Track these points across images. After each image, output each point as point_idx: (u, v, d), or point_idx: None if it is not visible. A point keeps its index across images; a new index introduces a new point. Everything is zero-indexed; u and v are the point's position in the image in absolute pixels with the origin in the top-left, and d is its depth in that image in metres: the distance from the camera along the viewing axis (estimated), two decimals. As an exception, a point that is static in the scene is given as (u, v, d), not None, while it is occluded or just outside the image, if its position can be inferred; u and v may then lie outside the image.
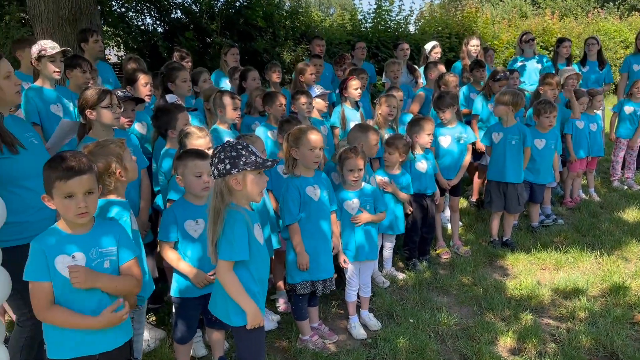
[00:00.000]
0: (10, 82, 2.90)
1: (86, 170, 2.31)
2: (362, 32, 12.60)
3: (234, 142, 2.63)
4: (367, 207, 3.95)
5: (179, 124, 3.90)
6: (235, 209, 2.62)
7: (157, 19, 11.48)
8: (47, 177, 2.30)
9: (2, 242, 2.77)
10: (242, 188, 2.60)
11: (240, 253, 2.59)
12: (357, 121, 5.68)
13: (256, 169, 2.61)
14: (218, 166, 2.56)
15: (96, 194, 2.38)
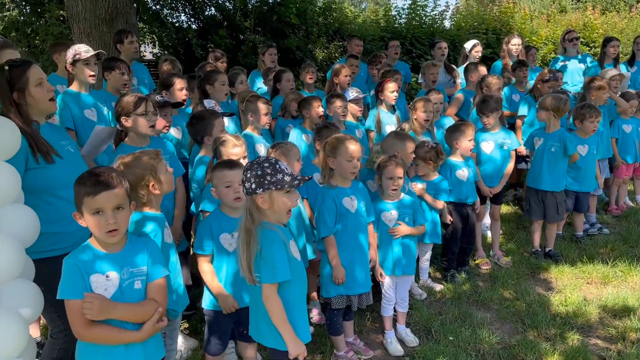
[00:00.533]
0: (43, 89, 2.81)
1: (115, 185, 2.21)
2: (396, 29, 12.31)
3: (262, 159, 2.51)
4: (405, 219, 3.76)
5: (215, 130, 3.79)
6: (269, 227, 2.50)
7: (191, 16, 11.45)
8: (77, 193, 2.22)
9: (37, 253, 2.73)
10: (269, 207, 2.48)
11: (283, 274, 2.46)
12: (393, 124, 5.50)
13: (281, 188, 2.47)
14: (245, 184, 2.47)
15: (127, 209, 2.28)
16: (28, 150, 2.71)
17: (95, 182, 2.18)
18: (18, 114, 2.74)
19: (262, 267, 2.44)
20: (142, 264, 2.35)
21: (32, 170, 2.72)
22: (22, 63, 2.78)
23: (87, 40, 6.85)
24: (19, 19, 8.08)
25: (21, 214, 2.48)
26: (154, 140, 3.62)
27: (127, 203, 2.28)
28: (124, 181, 2.29)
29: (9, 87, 2.74)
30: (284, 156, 3.60)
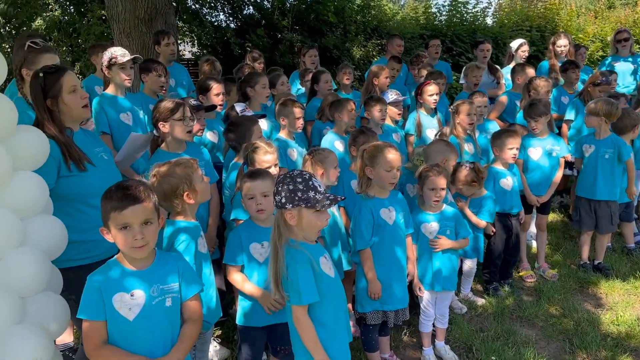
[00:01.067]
0: (76, 96, 2.75)
1: (143, 199, 2.11)
2: (436, 26, 11.98)
3: (296, 173, 2.37)
4: (447, 232, 3.55)
5: (253, 137, 3.67)
6: (294, 246, 2.35)
7: (229, 15, 11.42)
8: (104, 207, 2.13)
9: (68, 262, 2.68)
10: (297, 224, 2.34)
11: (308, 296, 2.31)
12: (434, 128, 5.26)
13: (311, 207, 2.32)
14: (276, 197, 2.33)
15: (155, 224, 2.18)
16: (61, 158, 2.66)
17: (122, 196, 2.08)
18: (51, 121, 2.70)
19: (289, 288, 2.32)
20: (173, 280, 2.26)
21: (64, 178, 2.67)
22: (56, 70, 2.73)
23: (126, 40, 6.87)
24: (61, 19, 8.16)
25: (48, 225, 2.41)
26: (190, 145, 3.54)
27: (156, 217, 2.18)
28: (152, 194, 2.18)
29: (43, 94, 2.68)
30: (320, 163, 3.45)
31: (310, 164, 3.47)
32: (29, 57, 3.16)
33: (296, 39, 10.82)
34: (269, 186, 2.94)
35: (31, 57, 3.16)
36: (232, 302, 3.96)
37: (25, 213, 2.36)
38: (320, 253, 2.47)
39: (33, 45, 3.19)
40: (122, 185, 2.13)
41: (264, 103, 4.76)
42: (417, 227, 3.54)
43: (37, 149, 2.41)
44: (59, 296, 2.45)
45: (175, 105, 3.34)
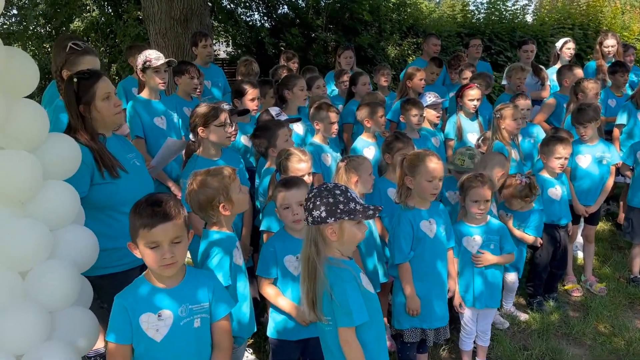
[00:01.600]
0: (110, 103, 2.66)
1: (173, 217, 1.99)
2: (474, 24, 11.63)
3: (332, 186, 2.21)
4: (491, 246, 3.34)
5: (279, 141, 3.54)
6: (336, 264, 2.19)
7: (264, 14, 11.34)
8: (132, 223, 2.02)
9: (101, 269, 2.61)
10: (338, 239, 2.18)
11: (360, 316, 2.15)
12: (475, 132, 5.03)
13: (354, 218, 2.17)
14: (313, 212, 2.15)
15: (185, 242, 2.07)
16: (94, 166, 2.59)
17: (152, 213, 1.96)
18: (84, 128, 2.63)
19: (335, 310, 2.15)
20: (204, 300, 2.14)
21: (97, 185, 2.60)
22: (90, 75, 2.65)
23: (162, 41, 6.84)
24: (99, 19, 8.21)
25: (79, 236, 2.33)
26: (225, 151, 3.45)
27: (185, 234, 2.07)
28: (183, 210, 2.07)
29: (76, 99, 2.62)
30: (354, 170, 3.30)
31: (344, 171, 3.32)
32: (70, 59, 3.11)
33: (330, 38, 10.67)
34: (305, 195, 2.82)
35: (72, 58, 3.10)
36: (264, 309, 3.84)
37: (56, 224, 2.28)
38: (359, 270, 2.33)
39: (75, 47, 3.14)
40: (152, 200, 2.02)
41: (302, 105, 4.61)
42: (459, 240, 3.35)
43: (69, 158, 2.33)
44: (88, 311, 2.36)
45: (215, 111, 3.25)
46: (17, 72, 2.16)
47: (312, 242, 2.18)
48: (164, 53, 6.81)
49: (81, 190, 2.52)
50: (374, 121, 4.38)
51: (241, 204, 2.60)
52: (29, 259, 2.19)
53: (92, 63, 3.12)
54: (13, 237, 2.14)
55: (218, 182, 2.51)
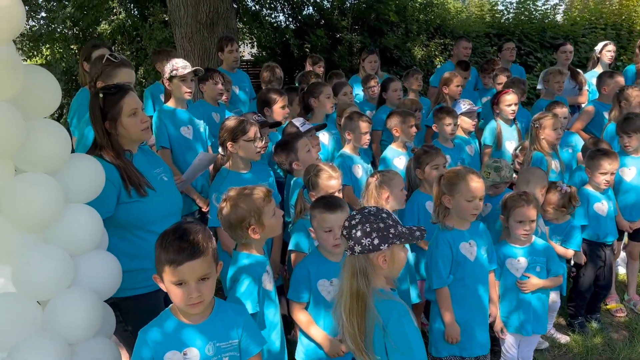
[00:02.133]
0: (136, 119, 2.51)
1: (201, 253, 1.81)
2: (503, 24, 11.28)
3: (375, 210, 2.00)
4: (536, 269, 3.09)
5: (300, 153, 3.37)
6: (389, 297, 1.97)
7: (289, 16, 11.18)
8: (157, 257, 1.85)
9: (127, 290, 2.47)
10: (389, 266, 1.96)
11: (421, 354, 1.95)
12: (514, 140, 4.78)
13: (406, 242, 1.98)
14: (361, 241, 1.92)
15: (213, 278, 1.90)
16: (120, 184, 2.44)
17: (179, 248, 1.79)
18: (110, 145, 2.48)
19: (390, 350, 1.90)
20: (233, 337, 1.96)
21: (124, 204, 2.45)
22: (117, 91, 2.50)
23: (188, 45, 6.73)
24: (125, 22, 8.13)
25: (101, 263, 2.18)
26: (255, 165, 3.27)
27: (214, 269, 1.89)
28: (212, 242, 1.89)
29: (102, 115, 2.47)
30: (386, 186, 3.09)
31: (374, 187, 3.12)
32: (106, 71, 2.99)
33: (355, 39, 10.45)
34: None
35: (108, 70, 2.98)
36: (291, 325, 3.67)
37: (77, 250, 2.13)
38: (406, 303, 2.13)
39: (111, 58, 3.01)
40: (179, 232, 1.84)
41: (329, 113, 4.42)
42: (501, 262, 3.11)
43: (91, 180, 2.18)
44: (109, 342, 2.22)
45: (244, 126, 3.08)
46: (38, 91, 2.02)
47: (361, 274, 1.94)
48: (190, 57, 6.75)
49: (107, 210, 2.39)
50: (404, 131, 4.17)
51: (273, 228, 2.42)
52: (49, 288, 2.05)
53: (128, 75, 3.01)
54: (32, 265, 2.00)
55: (251, 203, 2.35)
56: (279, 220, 2.45)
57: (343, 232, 1.98)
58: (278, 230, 2.51)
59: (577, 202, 3.55)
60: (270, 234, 2.47)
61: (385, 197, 3.11)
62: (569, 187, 3.56)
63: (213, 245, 1.89)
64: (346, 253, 1.98)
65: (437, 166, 3.49)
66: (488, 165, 3.75)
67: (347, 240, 1.96)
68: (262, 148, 3.53)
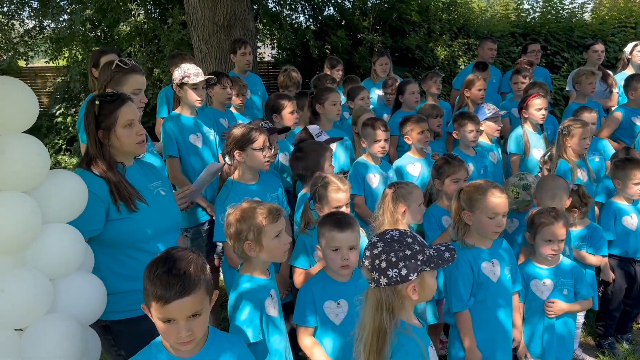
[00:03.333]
0: (131, 131, 2.29)
1: (191, 290, 1.59)
2: (529, 24, 10.81)
3: (399, 235, 1.74)
4: (564, 292, 2.79)
5: (325, 166, 3.09)
6: (407, 332, 1.73)
7: (310, 16, 10.93)
8: (145, 286, 1.64)
9: (118, 313, 2.27)
10: (419, 295, 1.73)
11: None
12: (541, 148, 4.44)
13: (436, 267, 1.74)
14: (387, 272, 1.68)
15: (205, 313, 1.68)
16: (109, 199, 2.22)
17: (167, 284, 1.57)
18: (101, 156, 2.27)
19: None
20: None
21: (113, 221, 2.23)
22: (115, 99, 2.29)
23: (205, 47, 6.55)
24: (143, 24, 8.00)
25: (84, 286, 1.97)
26: (263, 175, 3.04)
27: (207, 303, 1.68)
28: (205, 274, 1.66)
29: (96, 123, 2.26)
30: (403, 199, 2.84)
31: (390, 199, 2.86)
32: (116, 77, 2.79)
33: (376, 39, 10.15)
34: (358, 238, 2.42)
35: (118, 77, 2.79)
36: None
37: (56, 273, 1.93)
38: (428, 340, 1.87)
39: (121, 64, 2.82)
40: (168, 263, 1.61)
41: (336, 120, 4.15)
42: (526, 283, 2.82)
43: (72, 198, 1.97)
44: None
45: (254, 133, 2.86)
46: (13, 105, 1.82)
47: (386, 307, 1.70)
48: (207, 60, 6.56)
49: (95, 228, 2.19)
50: (416, 137, 3.88)
51: (274, 252, 2.20)
52: (26, 314, 1.86)
53: (138, 82, 2.81)
54: (8, 290, 1.80)
55: (253, 217, 2.16)
56: (282, 246, 2.22)
57: (365, 263, 1.73)
58: (279, 256, 2.26)
59: (589, 200, 3.24)
60: (271, 258, 2.24)
61: (402, 212, 2.86)
62: (575, 185, 3.24)
63: (206, 276, 1.66)
64: (370, 285, 1.73)
65: (457, 180, 3.21)
66: (515, 184, 3.45)
67: (369, 272, 1.71)
68: (272, 157, 3.31)
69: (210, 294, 1.67)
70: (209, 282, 1.66)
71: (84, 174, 2.22)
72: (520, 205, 3.46)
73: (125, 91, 2.62)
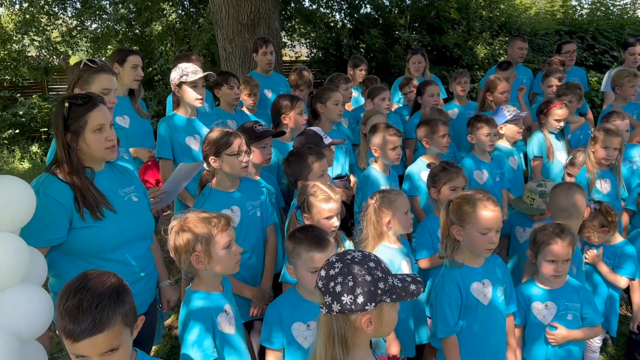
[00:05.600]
0: (101, 136, 2.19)
1: (102, 327, 1.46)
2: (576, 21, 10.17)
3: (361, 257, 1.50)
4: (568, 317, 2.50)
5: (313, 176, 2.90)
6: None
7: (346, 14, 10.71)
8: (57, 317, 1.50)
9: None
10: (376, 329, 1.50)
11: None
12: (561, 152, 4.09)
13: (398, 299, 1.50)
14: (342, 298, 1.45)
15: (125, 347, 1.54)
16: (72, 206, 2.13)
17: (76, 318, 1.44)
18: (68, 160, 2.18)
19: None
20: None
21: (77, 230, 2.14)
22: (85, 102, 2.18)
23: (229, 47, 6.48)
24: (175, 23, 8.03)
25: (24, 300, 1.84)
26: (244, 182, 2.85)
27: (128, 335, 1.54)
28: (123, 305, 1.51)
29: (64, 126, 2.17)
30: (386, 208, 2.62)
31: (373, 210, 2.65)
32: (83, 77, 2.70)
33: (413, 38, 9.82)
34: None
35: (85, 76, 2.70)
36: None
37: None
38: None
39: (89, 63, 2.75)
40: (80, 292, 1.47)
41: (337, 121, 3.94)
42: (525, 305, 2.55)
43: (15, 205, 1.86)
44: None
45: (230, 138, 2.68)
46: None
47: (338, 339, 1.47)
48: (231, 59, 6.49)
49: (58, 236, 2.11)
50: (434, 141, 3.64)
51: (224, 263, 2.05)
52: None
53: (107, 82, 2.71)
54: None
55: (202, 228, 2.02)
56: (232, 257, 2.07)
57: (318, 284, 1.50)
58: (231, 267, 2.11)
59: (614, 217, 2.90)
60: (221, 270, 2.09)
61: (386, 222, 2.65)
62: (597, 202, 2.91)
63: (125, 307, 1.51)
64: (322, 310, 1.50)
65: (455, 188, 2.96)
66: (532, 189, 3.18)
67: (322, 295, 1.49)
68: (265, 162, 3.15)
69: (130, 325, 1.53)
70: (127, 313, 1.51)
71: (48, 179, 2.15)
72: (534, 213, 3.18)
73: (94, 91, 2.54)
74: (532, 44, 9.66)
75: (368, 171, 3.53)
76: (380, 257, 1.56)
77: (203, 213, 2.11)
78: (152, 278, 2.42)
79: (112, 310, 1.46)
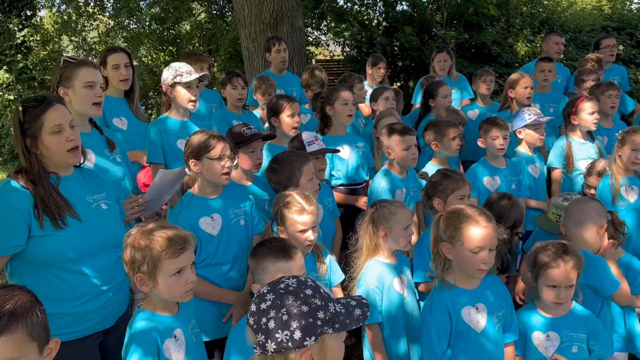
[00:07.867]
0: (60, 138, 2.06)
1: (2, 331, 1.32)
2: (624, 16, 9.44)
3: (296, 284, 1.29)
4: (572, 350, 2.17)
5: (302, 180, 2.67)
6: None
7: (382, 12, 10.39)
8: None
9: None
10: None
11: None
12: (591, 159, 3.69)
13: (341, 329, 1.29)
14: (276, 335, 1.24)
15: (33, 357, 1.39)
16: (31, 213, 2.01)
17: None
18: (30, 166, 2.06)
19: None
20: None
21: (36, 238, 2.02)
22: (39, 103, 2.06)
23: (252, 46, 6.37)
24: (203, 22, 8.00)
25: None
26: (228, 189, 2.63)
27: (30, 352, 1.39)
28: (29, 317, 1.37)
29: (21, 131, 2.05)
30: (383, 222, 2.38)
31: (371, 220, 2.42)
32: (65, 74, 2.60)
33: (449, 35, 9.41)
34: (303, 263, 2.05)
35: (66, 73, 2.59)
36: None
37: None
38: None
39: (69, 59, 2.64)
40: None
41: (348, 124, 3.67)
42: (525, 334, 2.24)
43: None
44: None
45: (211, 141, 2.49)
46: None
47: None
48: (254, 58, 6.36)
49: (15, 245, 2.00)
50: (444, 144, 3.35)
51: (171, 291, 1.83)
52: None
53: (90, 75, 2.59)
54: None
55: (150, 248, 1.81)
56: (181, 286, 1.84)
57: (249, 320, 1.29)
58: (178, 296, 1.88)
59: (622, 228, 2.55)
60: (166, 297, 1.86)
61: (382, 235, 2.41)
62: (608, 212, 2.55)
63: (33, 319, 1.38)
64: (255, 351, 1.29)
65: (463, 196, 2.68)
66: (556, 205, 2.85)
67: (254, 334, 1.28)
68: (255, 167, 2.94)
69: (37, 339, 1.39)
70: (35, 327, 1.37)
71: (8, 185, 2.04)
72: (553, 230, 2.85)
73: (78, 86, 2.43)
74: (576, 41, 9.05)
75: (375, 178, 3.30)
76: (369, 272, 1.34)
77: (162, 230, 1.88)
78: (120, 290, 2.27)
79: (15, 317, 1.34)
